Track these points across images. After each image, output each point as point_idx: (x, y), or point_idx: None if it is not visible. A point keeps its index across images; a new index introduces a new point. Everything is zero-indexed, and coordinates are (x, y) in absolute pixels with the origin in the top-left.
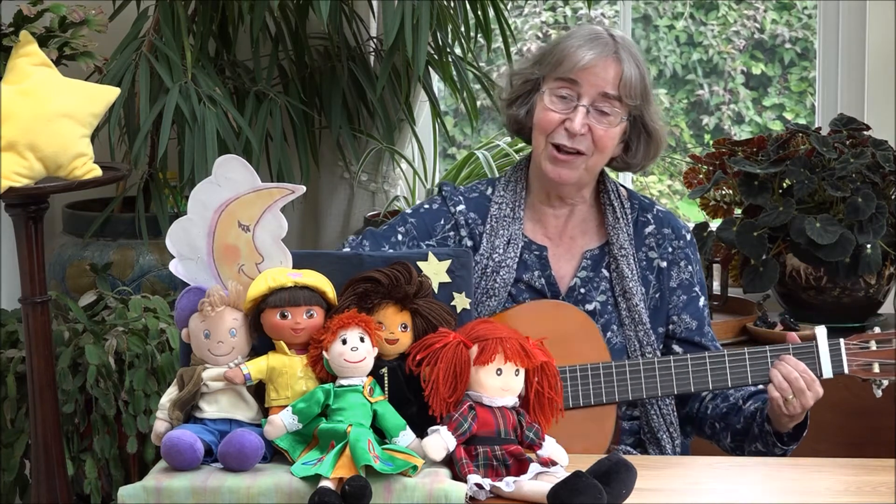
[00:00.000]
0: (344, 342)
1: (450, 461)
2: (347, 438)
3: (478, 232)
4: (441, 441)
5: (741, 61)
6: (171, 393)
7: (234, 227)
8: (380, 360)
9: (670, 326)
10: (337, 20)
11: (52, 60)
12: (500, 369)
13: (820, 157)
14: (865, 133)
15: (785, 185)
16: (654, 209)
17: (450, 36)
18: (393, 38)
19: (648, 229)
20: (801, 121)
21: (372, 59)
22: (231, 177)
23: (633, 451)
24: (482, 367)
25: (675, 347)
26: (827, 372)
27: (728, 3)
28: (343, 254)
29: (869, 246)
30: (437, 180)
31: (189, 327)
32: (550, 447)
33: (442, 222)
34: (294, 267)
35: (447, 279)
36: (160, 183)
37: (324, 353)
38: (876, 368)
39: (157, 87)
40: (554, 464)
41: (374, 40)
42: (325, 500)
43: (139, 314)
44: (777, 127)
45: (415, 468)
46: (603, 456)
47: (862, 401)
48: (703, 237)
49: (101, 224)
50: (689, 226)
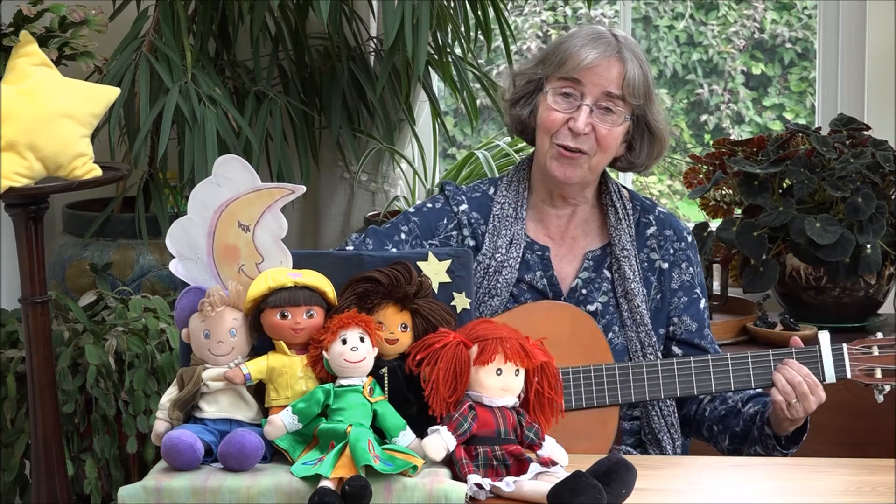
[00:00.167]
0: (344, 342)
1: (450, 461)
2: (347, 438)
3: (480, 232)
4: (441, 441)
5: (741, 61)
6: (171, 393)
7: (234, 227)
8: (380, 360)
9: (670, 328)
10: (337, 20)
11: (52, 60)
12: (500, 369)
13: (820, 157)
14: (865, 133)
15: (785, 185)
16: (656, 210)
17: (450, 36)
18: (393, 38)
19: (650, 230)
20: (801, 121)
21: (372, 59)
22: (231, 177)
23: (634, 452)
24: (482, 367)
25: (675, 349)
26: (830, 376)
27: (728, 3)
28: (343, 254)
29: (869, 246)
30: (438, 180)
31: (189, 327)
32: (550, 447)
33: (445, 221)
34: (294, 267)
35: (447, 279)
36: (160, 183)
37: (324, 353)
38: (878, 374)
39: (157, 87)
40: (554, 464)
41: (374, 40)
42: (325, 500)
43: (139, 314)
44: (777, 127)
45: (415, 468)
46: (603, 456)
47: (862, 401)
48: (703, 237)
49: (101, 224)
50: (690, 227)
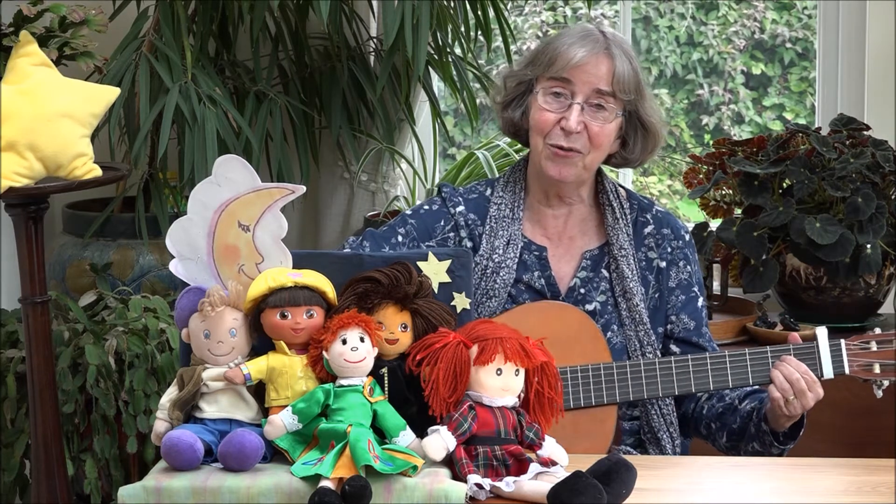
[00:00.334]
0: (344, 342)
1: (450, 461)
2: (347, 438)
3: (477, 233)
4: (441, 441)
5: (741, 61)
6: (171, 393)
7: (234, 227)
8: (380, 360)
9: (668, 326)
10: (337, 20)
11: (52, 60)
12: (500, 369)
13: (820, 157)
14: (865, 133)
15: (785, 185)
16: (654, 209)
17: (450, 36)
18: (393, 38)
19: (648, 229)
20: (801, 121)
21: (372, 59)
22: (231, 177)
23: (634, 452)
24: (482, 367)
25: (673, 347)
26: (828, 372)
27: (728, 3)
28: (343, 254)
29: (869, 246)
30: (437, 180)
31: (189, 327)
32: (550, 447)
33: (442, 223)
34: (294, 267)
35: (447, 279)
36: (160, 183)
37: (324, 353)
38: (877, 369)
39: (157, 87)
40: (554, 464)
41: (374, 40)
42: (325, 500)
43: (139, 314)
44: (777, 127)
45: (415, 468)
46: (603, 456)
47: (862, 401)
48: (703, 237)
49: (101, 224)
50: (687, 226)
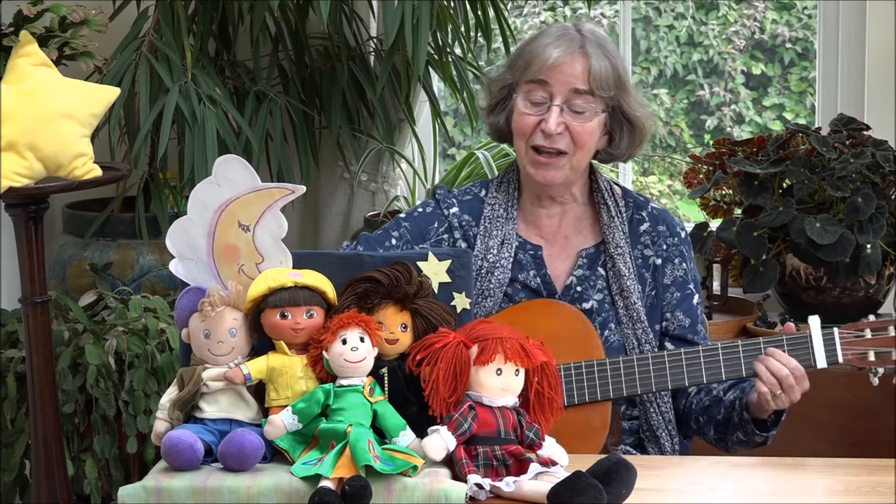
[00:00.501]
0: (344, 342)
1: (450, 461)
2: (347, 438)
3: (472, 234)
4: (441, 441)
5: (741, 61)
6: (171, 393)
7: (234, 227)
8: (380, 360)
9: (663, 323)
10: (337, 20)
11: (52, 60)
12: (500, 369)
13: (820, 157)
14: (865, 133)
15: (785, 185)
16: (649, 206)
17: (450, 36)
18: (393, 38)
19: (643, 227)
20: (801, 121)
21: (372, 59)
22: (231, 177)
23: (634, 452)
24: (482, 367)
25: (668, 344)
26: (821, 362)
27: (728, 3)
28: (343, 254)
29: (869, 246)
30: (437, 180)
31: (189, 327)
32: (550, 447)
33: (435, 225)
34: (294, 267)
35: (447, 279)
36: (160, 183)
37: (324, 353)
38: (871, 356)
39: (157, 87)
40: (554, 464)
41: (374, 40)
42: (325, 500)
43: (139, 314)
44: (777, 127)
45: (415, 468)
46: (603, 456)
47: (862, 401)
48: (703, 237)
49: (101, 224)
50: (683, 223)
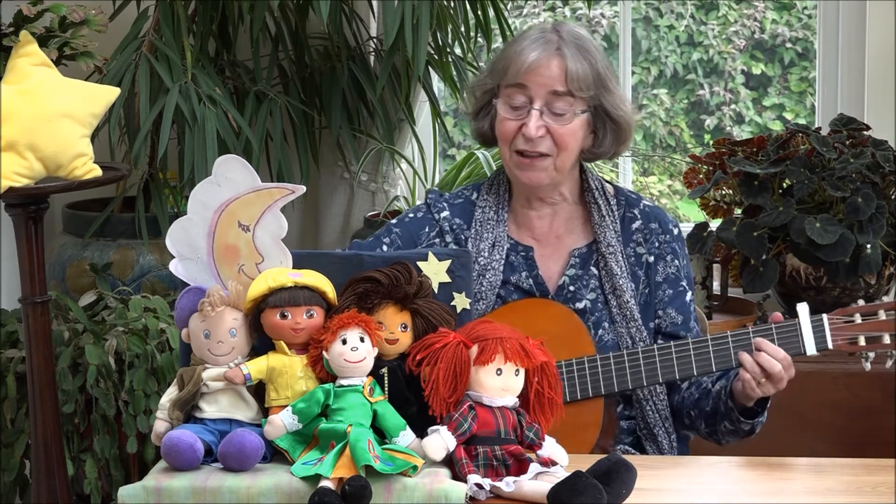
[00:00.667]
0: (344, 342)
1: (450, 461)
2: (347, 438)
3: (463, 237)
4: (441, 441)
5: (741, 61)
6: (171, 393)
7: (234, 227)
8: (380, 360)
9: (656, 321)
10: (337, 20)
11: (52, 60)
12: (500, 369)
13: (820, 157)
14: (865, 133)
15: (785, 185)
16: (641, 204)
17: (450, 36)
18: (393, 38)
19: (635, 225)
20: (801, 121)
21: (372, 59)
22: (231, 177)
23: (633, 451)
24: (482, 367)
25: (661, 342)
26: (811, 349)
27: (728, 3)
28: (343, 254)
29: (869, 246)
30: (437, 180)
31: (189, 327)
32: (550, 447)
33: (427, 230)
34: (294, 267)
35: (447, 279)
36: (160, 183)
37: (324, 353)
38: (862, 341)
39: (157, 87)
40: (554, 464)
41: (374, 40)
42: (325, 500)
43: (139, 314)
44: (777, 127)
45: (415, 468)
46: (603, 456)
47: (862, 401)
48: (703, 237)
49: (101, 224)
50: (676, 221)
